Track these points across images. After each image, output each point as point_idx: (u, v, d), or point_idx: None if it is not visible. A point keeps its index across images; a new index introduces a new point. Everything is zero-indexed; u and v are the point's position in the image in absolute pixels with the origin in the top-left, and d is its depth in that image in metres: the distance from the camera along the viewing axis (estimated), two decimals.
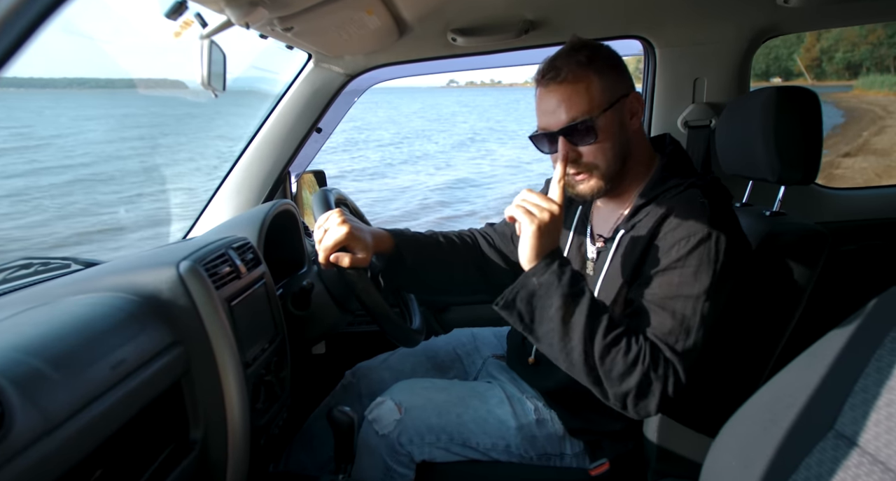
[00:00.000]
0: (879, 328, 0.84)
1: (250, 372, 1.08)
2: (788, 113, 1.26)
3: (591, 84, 1.15)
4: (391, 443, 1.25)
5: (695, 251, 1.07)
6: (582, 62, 1.15)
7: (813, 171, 1.27)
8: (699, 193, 1.12)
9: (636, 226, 1.18)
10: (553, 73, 1.16)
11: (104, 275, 1.00)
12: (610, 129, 1.16)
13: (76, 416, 0.72)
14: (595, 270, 1.26)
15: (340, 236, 1.23)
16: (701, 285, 1.07)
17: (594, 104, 1.15)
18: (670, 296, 1.08)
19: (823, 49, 35.47)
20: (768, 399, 0.96)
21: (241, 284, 1.12)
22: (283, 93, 1.71)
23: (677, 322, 1.07)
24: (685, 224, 1.09)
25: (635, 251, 1.16)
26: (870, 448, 0.78)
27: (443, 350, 1.58)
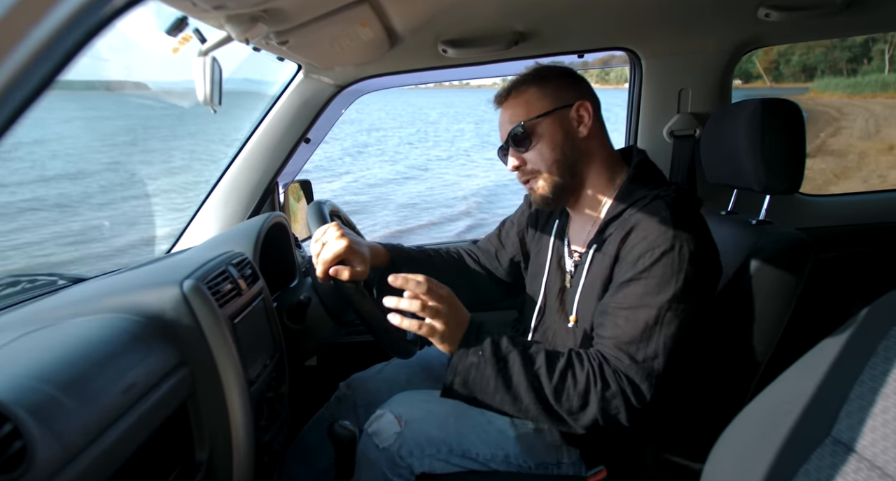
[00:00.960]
0: (873, 336, 0.87)
1: (254, 389, 1.07)
2: (773, 124, 1.30)
3: (529, 95, 1.25)
4: (391, 456, 1.25)
5: (658, 262, 1.10)
6: (526, 78, 1.27)
7: (798, 181, 1.31)
8: (663, 205, 1.14)
9: (606, 241, 1.20)
10: (501, 93, 1.29)
11: (105, 295, 0.98)
12: (548, 135, 1.24)
13: (93, 444, 0.70)
14: (572, 285, 1.29)
15: (340, 250, 1.23)
16: (664, 295, 1.09)
17: (531, 112, 1.24)
18: (633, 306, 1.11)
19: (780, 52, 36.40)
20: (765, 407, 0.98)
21: (243, 301, 1.11)
22: (273, 103, 1.70)
23: (638, 331, 1.10)
24: (649, 236, 1.11)
25: (604, 266, 1.18)
26: (867, 454, 0.81)
27: (436, 359, 1.58)
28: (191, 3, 0.89)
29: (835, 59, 33.43)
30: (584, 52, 1.72)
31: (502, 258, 1.53)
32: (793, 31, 1.70)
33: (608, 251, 1.18)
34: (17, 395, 0.66)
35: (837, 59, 33.32)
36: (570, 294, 1.29)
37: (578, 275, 1.26)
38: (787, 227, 1.31)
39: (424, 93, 63.22)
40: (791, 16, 1.50)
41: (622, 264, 1.15)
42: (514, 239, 1.51)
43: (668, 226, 1.11)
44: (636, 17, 1.59)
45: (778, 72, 36.70)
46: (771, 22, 1.53)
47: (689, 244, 1.10)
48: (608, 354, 1.13)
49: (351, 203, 9.83)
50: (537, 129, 1.23)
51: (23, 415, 0.63)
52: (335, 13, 1.20)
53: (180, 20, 0.99)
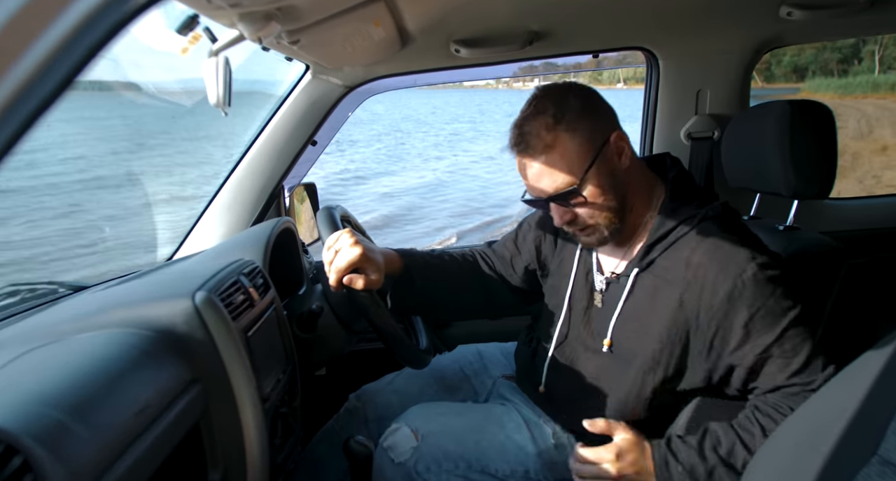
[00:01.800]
0: None
1: (268, 405, 1.03)
2: (804, 127, 1.26)
3: (565, 149, 1.10)
4: (408, 472, 1.20)
5: (758, 286, 1.03)
6: (550, 125, 1.10)
7: (828, 186, 1.27)
8: (716, 227, 1.09)
9: (653, 267, 1.14)
10: (523, 144, 1.12)
11: (111, 307, 0.93)
12: (600, 185, 1.12)
13: (107, 473, 0.65)
14: (606, 304, 1.22)
15: (354, 257, 1.18)
16: (788, 307, 1.04)
17: (574, 169, 1.10)
18: (778, 336, 1.05)
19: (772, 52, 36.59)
20: (803, 425, 0.93)
21: (256, 313, 1.06)
22: (279, 105, 1.65)
23: (800, 357, 1.04)
24: (726, 269, 1.05)
25: (667, 303, 1.11)
26: None
27: (449, 369, 1.53)
28: (205, 1, 0.84)
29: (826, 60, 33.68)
30: (599, 51, 1.67)
31: (517, 264, 1.45)
32: (815, 31, 1.66)
33: (664, 281, 1.11)
34: (23, 423, 0.61)
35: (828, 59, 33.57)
36: (599, 314, 1.23)
37: (614, 296, 1.19)
38: (816, 233, 1.28)
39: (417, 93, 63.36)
40: (814, 14, 1.46)
41: (709, 309, 1.07)
42: (530, 245, 1.43)
43: (736, 249, 1.05)
44: (653, 16, 1.55)
45: (769, 72, 36.90)
46: (793, 20, 1.49)
47: (763, 257, 1.05)
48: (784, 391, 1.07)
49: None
50: (587, 185, 1.11)
51: (31, 446, 0.57)
52: (350, 11, 1.15)
53: (191, 18, 0.94)
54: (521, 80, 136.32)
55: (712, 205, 1.14)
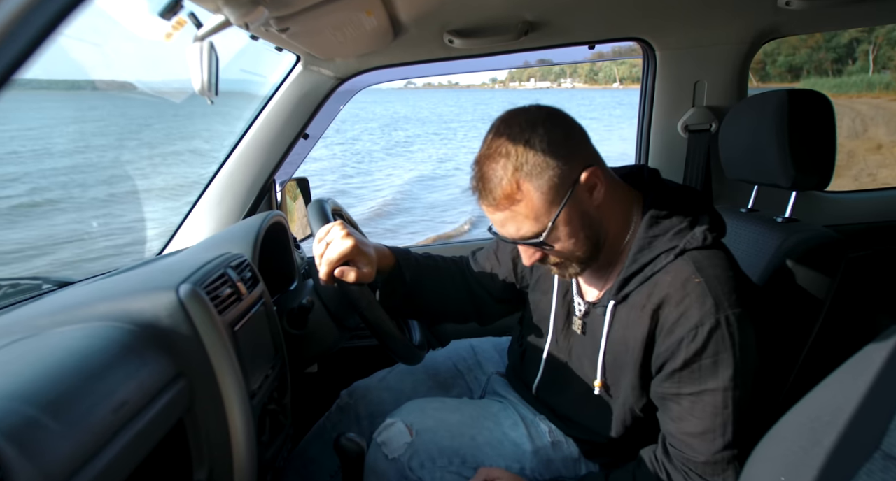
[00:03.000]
0: None
1: (255, 402, 0.99)
2: (802, 117, 1.24)
3: (529, 200, 1.01)
4: (401, 468, 1.18)
5: (708, 343, 1.00)
6: (511, 172, 0.99)
7: (828, 176, 1.25)
8: (691, 267, 1.03)
9: (629, 300, 1.09)
10: (484, 192, 1.03)
11: (92, 301, 0.89)
12: (570, 226, 1.04)
13: (81, 472, 0.62)
14: (587, 334, 1.19)
15: (346, 249, 1.15)
16: (725, 374, 1.00)
17: (541, 217, 1.02)
18: (694, 393, 1.03)
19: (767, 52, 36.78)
20: (804, 420, 0.91)
21: (243, 307, 1.03)
22: (270, 97, 1.61)
23: (707, 419, 1.02)
24: (688, 313, 1.01)
25: (637, 335, 1.07)
26: None
27: (443, 366, 1.51)
28: None
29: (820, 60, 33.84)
30: (595, 42, 1.64)
31: (498, 276, 1.42)
32: (814, 21, 1.63)
33: (636, 315, 1.07)
34: None
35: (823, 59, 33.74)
36: (580, 346, 1.21)
37: (595, 327, 1.16)
38: (815, 225, 1.25)
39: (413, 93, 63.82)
40: (813, 4, 1.44)
41: (663, 343, 1.04)
42: (507, 259, 1.40)
43: (704, 295, 1.00)
44: (650, 7, 1.53)
45: (764, 72, 37.04)
46: (792, 10, 1.47)
47: (733, 310, 0.99)
48: (676, 454, 1.07)
49: None
50: (556, 231, 1.03)
51: (1, 443, 0.55)
52: None
53: (175, 2, 0.91)
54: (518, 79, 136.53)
55: (693, 233, 1.06)
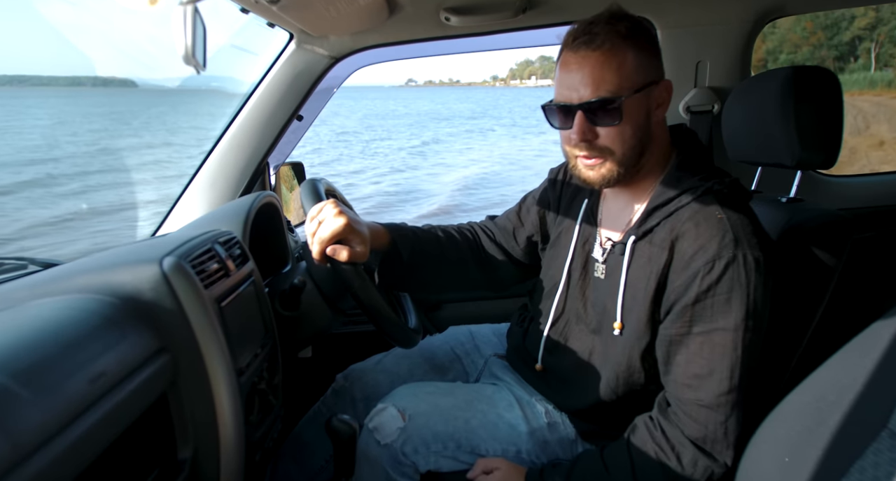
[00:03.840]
0: None
1: (243, 380, 0.96)
2: (808, 94, 1.21)
3: (626, 59, 1.03)
4: (394, 453, 1.16)
5: (723, 277, 0.99)
6: (621, 33, 1.03)
7: (834, 154, 1.22)
8: (716, 204, 1.04)
9: (649, 235, 1.09)
10: (588, 37, 1.03)
11: (74, 274, 0.86)
12: (635, 114, 1.05)
13: (52, 442, 0.59)
14: (608, 276, 1.17)
15: (338, 228, 1.13)
16: (737, 314, 0.99)
17: (625, 83, 1.03)
18: (705, 331, 1.01)
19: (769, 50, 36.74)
20: (809, 399, 0.89)
21: (231, 283, 1.00)
22: (262, 77, 1.58)
23: (716, 358, 1.00)
24: (707, 246, 1.00)
25: (653, 269, 1.07)
26: None
27: (440, 350, 1.48)
28: None
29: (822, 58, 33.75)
30: None
31: (520, 236, 1.41)
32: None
33: (655, 249, 1.07)
34: None
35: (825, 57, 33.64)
36: (598, 289, 1.18)
37: (615, 267, 1.14)
38: (820, 205, 1.22)
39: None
40: None
41: (677, 278, 1.03)
42: (534, 217, 1.39)
43: (725, 230, 1.00)
44: None
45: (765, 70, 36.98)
46: None
47: (752, 251, 0.99)
48: (677, 402, 1.05)
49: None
50: (627, 106, 1.04)
51: None
52: None
53: None
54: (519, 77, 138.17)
55: (720, 179, 1.08)
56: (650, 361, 1.10)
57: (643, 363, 1.10)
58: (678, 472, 1.02)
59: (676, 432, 1.04)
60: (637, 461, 1.05)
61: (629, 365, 1.11)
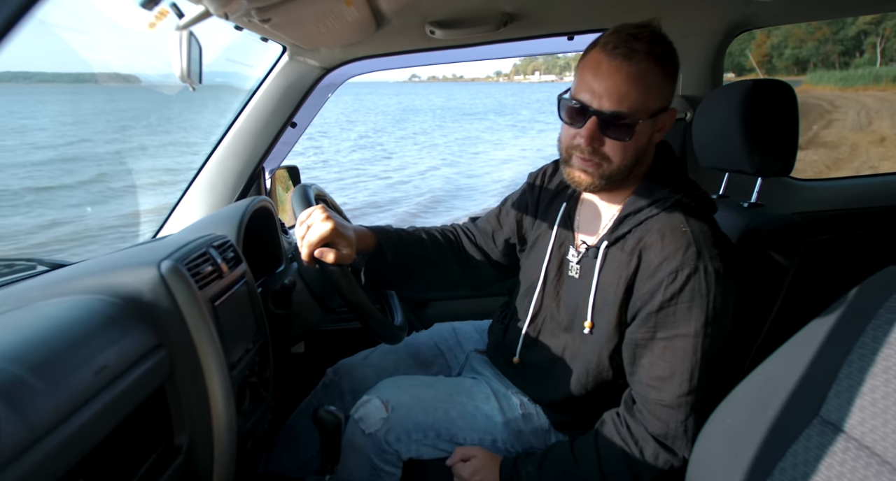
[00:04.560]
0: (862, 315, 0.86)
1: (235, 373, 1.05)
2: (765, 105, 1.29)
3: (654, 83, 1.08)
4: (378, 442, 1.24)
5: (685, 287, 1.06)
6: (657, 55, 1.07)
7: (790, 162, 1.30)
8: (682, 217, 1.11)
9: (621, 242, 1.17)
10: (627, 50, 1.05)
11: (80, 276, 0.95)
12: (643, 136, 1.12)
13: (62, 425, 0.68)
14: (581, 277, 1.24)
15: (325, 232, 1.21)
16: (697, 322, 1.07)
17: (645, 105, 1.08)
18: (667, 337, 1.09)
19: (773, 45, 36.56)
20: (754, 388, 0.97)
21: (224, 284, 1.08)
22: (257, 87, 1.67)
23: (676, 362, 1.08)
24: (671, 257, 1.08)
25: (622, 275, 1.14)
26: (855, 433, 0.80)
27: (424, 345, 1.57)
28: None
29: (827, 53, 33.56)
30: (573, 33, 1.69)
31: (498, 239, 1.49)
32: (784, 12, 1.68)
33: (624, 256, 1.14)
34: None
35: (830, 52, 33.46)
36: (571, 289, 1.26)
37: (588, 270, 1.22)
38: (779, 210, 1.30)
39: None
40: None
41: (644, 286, 1.11)
42: (511, 220, 1.46)
43: (689, 243, 1.07)
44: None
45: (771, 65, 36.81)
46: (761, 3, 1.52)
47: (713, 262, 1.07)
48: (642, 401, 1.13)
49: None
50: (639, 127, 1.09)
51: None
52: None
53: None
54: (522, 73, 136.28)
55: (689, 192, 1.15)
56: (618, 360, 1.18)
57: (611, 361, 1.18)
58: (641, 464, 1.11)
59: (640, 428, 1.12)
60: (604, 453, 1.14)
61: (598, 363, 1.19)
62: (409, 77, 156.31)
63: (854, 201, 1.87)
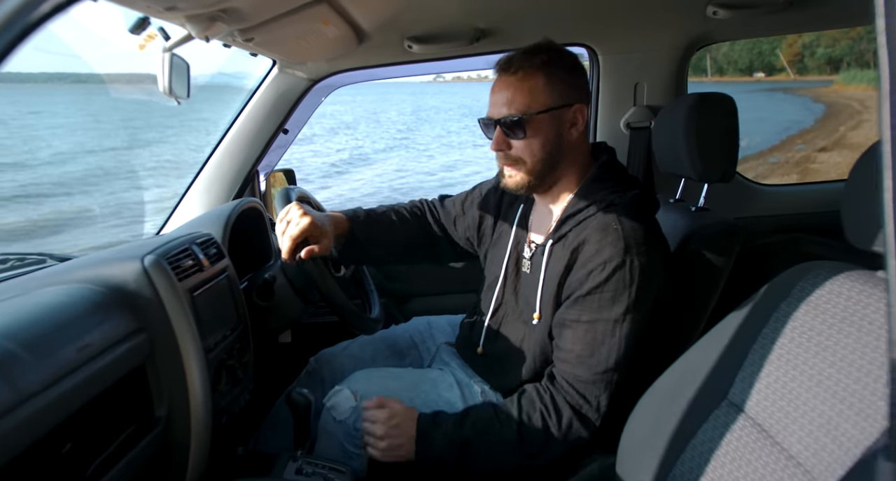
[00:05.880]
0: (768, 308, 0.95)
1: (212, 356, 1.18)
2: (707, 117, 1.38)
3: (536, 85, 1.23)
4: (347, 429, 1.33)
5: (611, 277, 1.17)
6: (535, 64, 1.23)
7: (731, 170, 1.39)
8: (615, 217, 1.21)
9: (562, 240, 1.28)
10: (507, 64, 1.25)
11: (74, 269, 1.09)
12: (542, 131, 1.25)
13: (44, 392, 0.81)
14: (532, 273, 1.35)
15: (303, 226, 1.33)
16: (618, 308, 1.18)
17: (532, 104, 1.23)
18: (589, 320, 1.20)
19: (805, 44, 35.72)
20: (676, 374, 1.07)
21: (204, 276, 1.21)
22: (250, 96, 1.80)
23: (595, 343, 1.19)
24: (601, 250, 1.19)
25: (559, 268, 1.25)
26: (752, 413, 0.90)
27: (401, 337, 1.67)
28: (145, 5, 0.99)
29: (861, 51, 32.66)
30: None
31: (459, 224, 1.59)
32: (741, 28, 1.77)
33: (564, 252, 1.25)
34: None
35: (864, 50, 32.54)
36: (525, 284, 1.36)
37: (537, 267, 1.32)
38: (721, 214, 1.39)
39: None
40: (738, 13, 1.57)
41: (575, 274, 1.22)
42: (474, 212, 1.56)
43: (618, 239, 1.18)
44: (592, 15, 1.67)
45: (802, 64, 36.04)
46: (719, 19, 1.60)
47: (639, 257, 1.17)
48: (562, 374, 1.23)
49: None
50: (533, 123, 1.24)
51: None
52: (294, 12, 1.28)
53: (143, 20, 1.09)
54: None
55: (624, 193, 1.26)
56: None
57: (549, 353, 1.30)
58: (556, 428, 1.21)
59: (560, 398, 1.22)
60: (524, 416, 1.23)
61: (543, 349, 1.30)
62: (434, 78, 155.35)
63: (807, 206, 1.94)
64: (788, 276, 0.97)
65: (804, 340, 0.87)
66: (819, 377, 0.82)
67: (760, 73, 38.27)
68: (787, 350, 0.89)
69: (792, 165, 12.96)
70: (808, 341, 0.86)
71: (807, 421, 0.81)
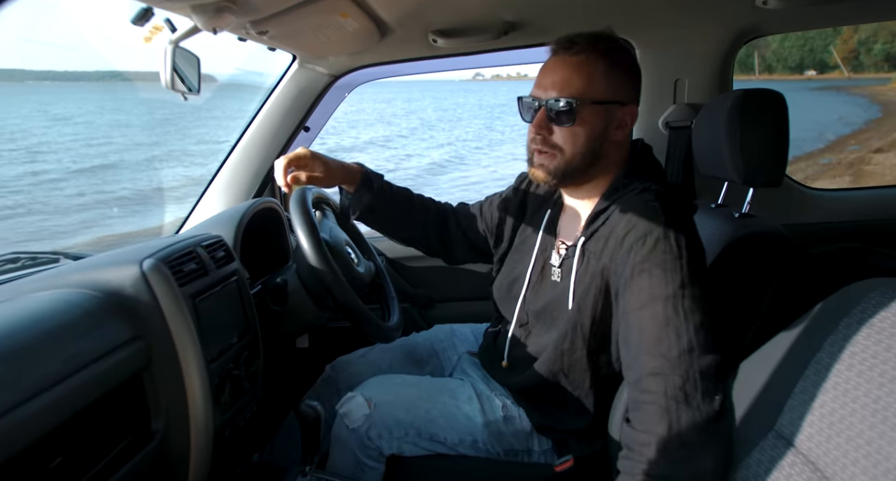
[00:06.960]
0: (822, 330, 0.86)
1: (214, 366, 1.12)
2: (754, 115, 1.26)
3: (595, 71, 1.14)
4: (360, 437, 1.28)
5: (655, 250, 1.04)
6: (600, 49, 1.14)
7: (779, 174, 1.27)
8: (651, 196, 1.11)
9: (595, 234, 1.18)
10: (568, 44, 1.15)
11: (71, 272, 1.04)
12: (590, 123, 1.15)
13: (25, 405, 0.75)
14: (562, 278, 1.25)
15: (300, 152, 1.26)
16: (673, 283, 1.02)
17: (587, 91, 1.13)
18: (645, 303, 1.03)
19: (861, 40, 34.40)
20: None
21: (209, 281, 1.16)
22: (270, 92, 1.75)
23: (660, 327, 1.01)
24: (639, 225, 1.07)
25: (598, 260, 1.15)
26: (803, 448, 0.81)
27: (421, 345, 1.61)
28: None
29: None
30: None
31: (479, 226, 1.51)
32: (793, 20, 1.63)
33: (599, 242, 1.16)
34: None
35: None
36: (554, 293, 1.26)
37: (568, 268, 1.23)
38: (768, 221, 1.27)
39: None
40: (790, 3, 1.44)
41: (615, 257, 1.10)
42: (494, 215, 1.48)
43: (656, 213, 1.07)
44: (630, 6, 1.56)
45: (858, 61, 34.74)
46: (769, 10, 1.48)
47: (681, 233, 1.05)
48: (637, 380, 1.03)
49: None
50: (583, 112, 1.14)
51: None
52: (308, 4, 1.22)
53: (145, 10, 1.04)
54: None
55: (662, 182, 1.17)
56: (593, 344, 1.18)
57: (584, 360, 1.19)
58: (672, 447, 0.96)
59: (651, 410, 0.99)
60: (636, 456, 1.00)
61: (572, 362, 1.20)
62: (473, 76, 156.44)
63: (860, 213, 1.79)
64: (850, 293, 0.88)
65: (865, 368, 0.78)
66: (884, 413, 0.73)
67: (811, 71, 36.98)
68: (844, 377, 0.80)
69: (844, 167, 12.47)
70: (869, 370, 0.77)
71: (870, 465, 0.72)
